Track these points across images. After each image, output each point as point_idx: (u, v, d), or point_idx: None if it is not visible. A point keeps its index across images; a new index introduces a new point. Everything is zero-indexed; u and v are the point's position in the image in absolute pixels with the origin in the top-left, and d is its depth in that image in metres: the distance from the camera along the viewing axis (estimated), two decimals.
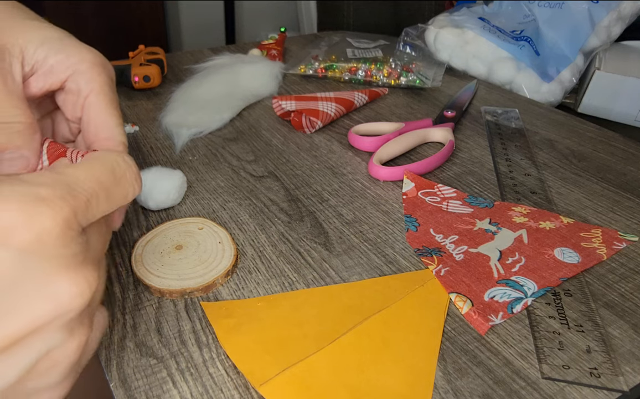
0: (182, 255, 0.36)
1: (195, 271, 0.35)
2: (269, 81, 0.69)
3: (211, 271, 0.35)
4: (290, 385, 0.28)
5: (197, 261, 0.36)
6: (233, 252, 0.37)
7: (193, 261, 0.36)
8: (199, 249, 0.37)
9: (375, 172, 0.49)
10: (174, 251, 0.37)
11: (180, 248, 0.37)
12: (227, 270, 0.35)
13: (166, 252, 0.37)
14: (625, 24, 0.73)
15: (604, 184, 0.49)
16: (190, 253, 0.37)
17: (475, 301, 0.34)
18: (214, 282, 0.34)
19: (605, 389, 0.28)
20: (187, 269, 0.35)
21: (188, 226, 0.40)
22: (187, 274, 0.35)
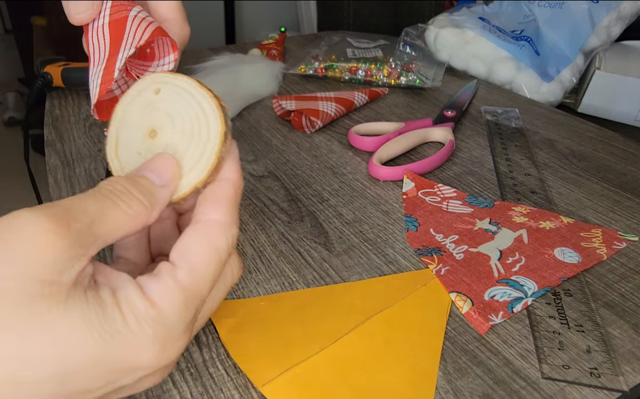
0: (163, 141, 0.27)
1: (191, 153, 0.26)
2: (269, 81, 0.69)
3: (207, 144, 0.26)
4: (293, 385, 0.28)
5: (185, 138, 0.27)
6: (214, 103, 0.27)
7: (180, 141, 0.27)
8: (176, 122, 0.27)
9: (375, 172, 0.49)
10: (150, 141, 0.27)
11: (154, 134, 0.27)
12: (223, 132, 0.26)
13: (144, 150, 0.27)
14: (625, 24, 0.73)
15: (604, 184, 0.49)
16: (170, 135, 0.27)
17: (476, 301, 0.34)
18: (220, 157, 0.26)
19: (605, 389, 0.28)
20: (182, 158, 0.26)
21: (142, 96, 0.28)
22: (185, 164, 0.26)
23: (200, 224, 0.23)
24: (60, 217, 0.19)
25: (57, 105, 0.64)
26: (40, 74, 0.65)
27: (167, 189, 0.24)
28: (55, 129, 0.58)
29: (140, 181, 0.23)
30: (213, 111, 0.26)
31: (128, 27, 0.29)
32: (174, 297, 0.21)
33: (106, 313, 0.19)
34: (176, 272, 0.22)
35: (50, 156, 0.52)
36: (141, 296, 0.20)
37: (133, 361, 0.20)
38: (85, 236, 0.20)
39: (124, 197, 0.22)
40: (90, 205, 0.20)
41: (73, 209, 0.20)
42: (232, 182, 0.25)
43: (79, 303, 0.19)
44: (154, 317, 0.20)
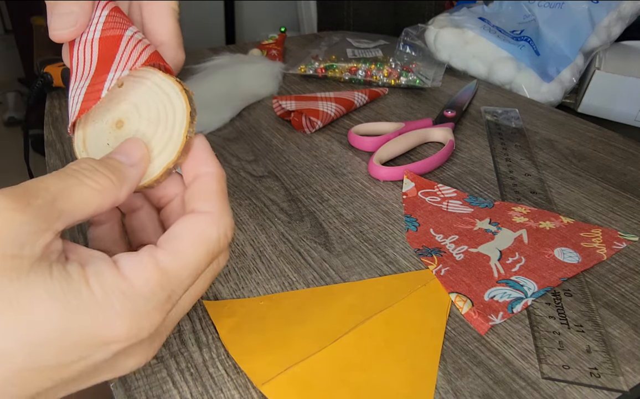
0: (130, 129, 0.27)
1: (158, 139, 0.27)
2: (269, 81, 0.69)
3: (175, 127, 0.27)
4: (292, 384, 0.28)
5: (152, 126, 0.27)
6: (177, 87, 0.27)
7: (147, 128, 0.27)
8: (141, 111, 0.27)
9: (375, 172, 0.49)
10: (117, 131, 0.28)
11: (121, 124, 0.27)
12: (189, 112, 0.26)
13: (112, 140, 0.28)
14: (625, 24, 0.72)
15: (604, 184, 0.49)
16: (137, 123, 0.27)
17: (476, 301, 0.34)
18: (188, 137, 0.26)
19: (605, 389, 0.28)
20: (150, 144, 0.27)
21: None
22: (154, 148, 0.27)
23: (190, 215, 0.24)
24: (19, 195, 0.19)
25: (57, 105, 0.64)
26: (40, 74, 0.65)
27: (137, 169, 0.24)
28: (55, 129, 0.58)
29: (108, 161, 0.23)
30: (177, 95, 0.27)
31: (122, 47, 0.27)
32: (148, 273, 0.21)
33: (71, 285, 0.19)
34: (157, 252, 0.22)
35: (50, 156, 0.52)
36: (112, 270, 0.21)
37: (101, 334, 0.20)
38: (48, 210, 0.20)
39: (90, 174, 0.22)
40: (53, 183, 0.21)
41: (33, 187, 0.20)
42: (213, 174, 0.25)
43: (41, 275, 0.19)
44: (123, 289, 0.20)
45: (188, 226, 0.23)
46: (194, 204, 0.24)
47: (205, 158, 0.26)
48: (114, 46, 0.27)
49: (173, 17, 0.28)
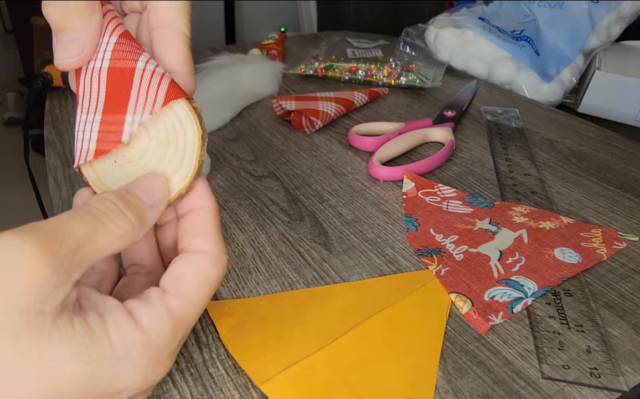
0: (139, 149, 0.26)
1: (168, 161, 0.26)
2: (269, 81, 0.69)
3: (186, 150, 0.26)
4: (292, 383, 0.28)
5: (162, 146, 0.26)
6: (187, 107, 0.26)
7: (157, 149, 0.26)
8: (150, 131, 0.26)
9: (375, 172, 0.49)
10: (125, 148, 0.26)
11: (128, 141, 0.26)
12: (200, 136, 0.26)
13: (120, 158, 0.27)
14: (625, 24, 0.73)
15: (604, 184, 0.49)
16: (145, 142, 0.26)
17: (476, 301, 0.34)
18: (200, 161, 0.26)
19: (605, 389, 0.28)
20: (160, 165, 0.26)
21: None
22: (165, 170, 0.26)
23: (192, 255, 0.24)
24: (45, 243, 0.18)
25: (57, 105, 0.64)
26: (40, 74, 0.65)
27: (156, 210, 0.24)
28: (55, 129, 0.58)
29: (130, 199, 0.23)
30: (187, 116, 0.26)
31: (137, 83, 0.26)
32: (164, 323, 0.21)
33: (94, 341, 0.19)
34: (167, 298, 0.22)
35: (50, 156, 0.52)
36: (130, 321, 0.21)
37: (118, 385, 0.20)
38: (70, 260, 0.19)
39: (113, 216, 0.21)
40: (77, 227, 0.20)
41: (59, 232, 0.19)
42: (209, 209, 0.25)
43: (65, 332, 0.19)
44: (142, 342, 0.20)
45: (191, 267, 0.23)
46: (193, 240, 0.25)
47: (200, 191, 0.26)
48: (127, 81, 0.26)
49: (185, 43, 0.27)
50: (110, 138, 0.26)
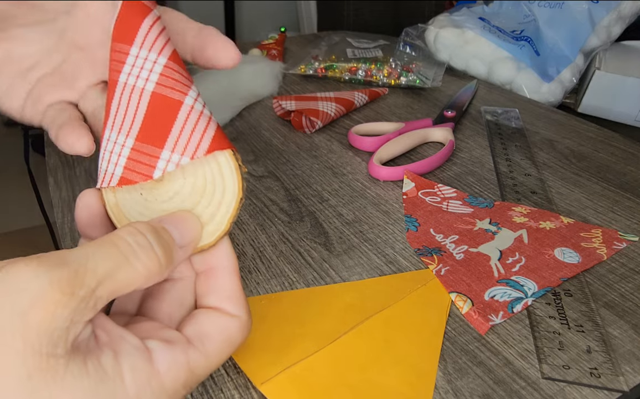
0: (170, 189, 0.24)
1: (199, 212, 0.24)
2: (269, 81, 0.69)
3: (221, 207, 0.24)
4: (292, 384, 0.28)
5: (196, 195, 0.24)
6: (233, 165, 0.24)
7: (190, 196, 0.24)
8: (187, 174, 0.24)
9: (376, 172, 0.49)
10: (154, 184, 0.25)
11: (161, 178, 0.24)
12: (239, 199, 0.24)
13: (147, 191, 0.25)
14: (625, 24, 0.73)
15: (604, 184, 0.49)
16: (180, 184, 0.24)
17: (476, 301, 0.34)
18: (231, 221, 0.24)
19: (606, 389, 0.28)
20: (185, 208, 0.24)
21: None
22: None
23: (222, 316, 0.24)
24: (67, 283, 0.18)
25: None
26: None
27: (185, 251, 0.23)
28: None
29: (163, 235, 0.22)
30: (231, 172, 0.24)
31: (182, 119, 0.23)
32: (180, 373, 0.21)
33: (106, 385, 0.19)
34: (190, 350, 0.22)
35: (50, 156, 0.52)
36: (147, 365, 0.20)
37: None
38: (88, 301, 0.18)
39: (142, 253, 0.20)
40: (102, 264, 0.19)
41: (82, 270, 0.18)
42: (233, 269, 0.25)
43: (78, 375, 0.18)
44: (154, 388, 0.20)
45: (219, 328, 0.23)
46: (221, 302, 0.24)
47: (226, 249, 0.25)
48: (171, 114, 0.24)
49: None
50: (140, 169, 0.24)
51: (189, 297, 0.25)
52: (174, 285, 0.25)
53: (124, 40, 0.24)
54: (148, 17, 0.24)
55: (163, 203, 0.24)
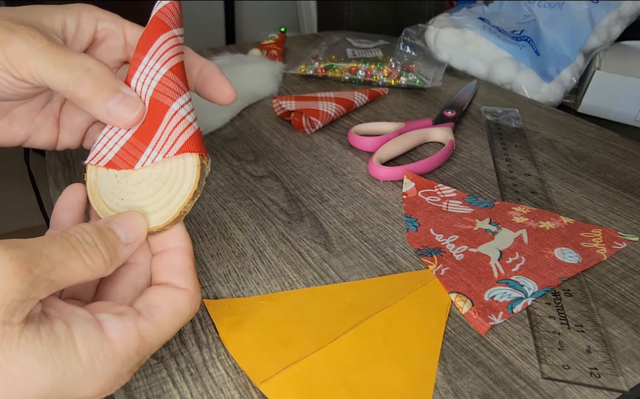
0: (140, 174, 0.28)
1: (157, 198, 0.27)
2: (269, 81, 0.69)
3: (176, 196, 0.27)
4: (291, 383, 0.28)
5: (159, 183, 0.28)
6: (197, 161, 0.27)
7: (154, 182, 0.28)
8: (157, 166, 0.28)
9: (375, 172, 0.49)
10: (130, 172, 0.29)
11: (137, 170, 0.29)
12: (193, 191, 0.27)
13: (122, 175, 0.28)
14: (625, 24, 0.73)
15: (604, 184, 0.49)
16: (149, 171, 0.28)
17: (476, 301, 0.34)
18: (183, 212, 0.27)
19: (605, 389, 0.28)
20: (149, 198, 0.27)
21: None
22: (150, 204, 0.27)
23: (170, 290, 0.25)
24: (24, 260, 0.20)
25: None
26: None
27: (130, 249, 0.25)
28: None
29: (108, 235, 0.24)
30: (192, 170, 0.27)
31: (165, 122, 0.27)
32: (131, 341, 0.22)
33: (59, 349, 0.20)
34: (140, 320, 0.23)
35: (50, 156, 0.52)
36: (98, 333, 0.21)
37: (78, 394, 0.21)
38: (42, 280, 0.20)
39: (89, 250, 0.23)
40: (56, 252, 0.21)
41: (37, 252, 0.20)
42: (186, 249, 0.27)
43: (32, 342, 0.20)
44: (106, 354, 0.21)
45: (167, 300, 0.25)
46: (172, 277, 0.26)
47: (179, 232, 0.27)
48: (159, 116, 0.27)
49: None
50: (127, 159, 0.28)
51: (142, 280, 0.27)
52: (128, 270, 0.27)
53: (141, 51, 0.28)
54: (164, 33, 0.28)
55: (131, 186, 0.28)
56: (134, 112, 0.27)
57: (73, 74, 0.26)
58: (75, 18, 0.29)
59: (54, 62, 0.25)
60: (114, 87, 0.27)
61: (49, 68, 0.25)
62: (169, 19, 0.28)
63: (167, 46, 0.28)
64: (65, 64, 0.26)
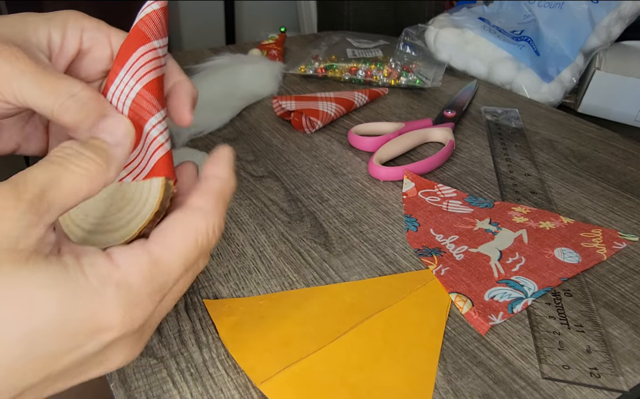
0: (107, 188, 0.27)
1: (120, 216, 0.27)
2: (269, 81, 0.69)
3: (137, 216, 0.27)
4: (291, 383, 0.28)
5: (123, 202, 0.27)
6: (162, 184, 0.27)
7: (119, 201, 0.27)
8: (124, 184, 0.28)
9: (376, 172, 0.49)
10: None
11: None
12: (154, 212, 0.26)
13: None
14: (625, 24, 0.73)
15: (604, 184, 0.49)
16: (115, 186, 0.28)
17: (476, 301, 0.34)
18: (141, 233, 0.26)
19: (605, 389, 0.28)
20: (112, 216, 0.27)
21: None
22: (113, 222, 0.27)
23: (183, 209, 0.24)
24: (8, 190, 0.19)
25: None
26: None
27: (122, 147, 0.24)
28: None
29: (92, 141, 0.23)
30: (156, 193, 0.27)
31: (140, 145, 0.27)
32: (142, 265, 0.21)
33: (68, 274, 0.20)
34: (149, 244, 0.22)
35: None
36: (106, 260, 0.21)
37: (97, 321, 0.20)
38: (38, 204, 0.20)
39: (75, 159, 0.22)
40: (39, 174, 0.20)
41: (21, 181, 0.20)
42: (221, 179, 0.26)
43: (39, 265, 0.19)
44: (117, 279, 0.21)
45: (179, 219, 0.24)
46: (190, 199, 0.25)
47: (224, 165, 0.26)
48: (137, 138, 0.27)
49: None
50: None
51: None
52: None
53: (119, 63, 0.27)
54: (143, 46, 0.27)
55: (97, 202, 0.27)
56: None
57: (58, 100, 0.25)
58: (60, 30, 0.28)
59: (39, 86, 0.25)
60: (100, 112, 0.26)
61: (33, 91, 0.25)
62: (150, 29, 0.27)
63: (144, 60, 0.27)
64: (50, 90, 0.25)
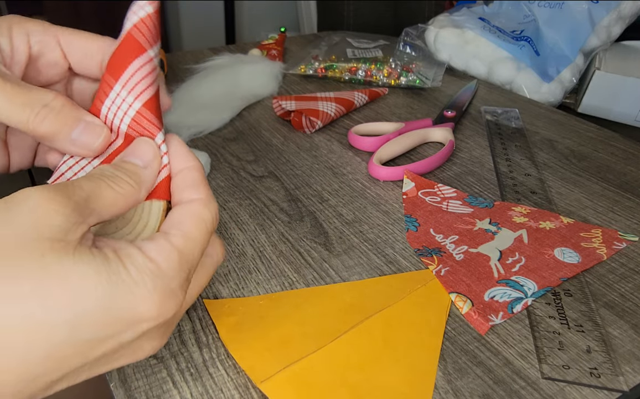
0: None
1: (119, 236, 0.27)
2: (269, 81, 0.69)
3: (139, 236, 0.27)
4: (291, 383, 0.28)
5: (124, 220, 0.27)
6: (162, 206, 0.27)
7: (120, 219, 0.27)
8: None
9: (376, 172, 0.49)
10: None
11: None
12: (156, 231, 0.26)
13: None
14: (625, 24, 0.73)
15: (604, 184, 0.49)
16: None
17: (476, 301, 0.34)
18: None
19: (605, 389, 0.28)
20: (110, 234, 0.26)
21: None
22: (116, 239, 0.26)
23: (184, 204, 0.26)
24: (61, 190, 0.21)
25: None
26: None
27: (151, 169, 0.26)
28: None
29: (125, 165, 0.25)
30: (157, 215, 0.27)
31: None
32: (170, 255, 0.23)
33: (110, 265, 0.21)
34: (171, 237, 0.24)
35: None
36: (141, 253, 0.22)
37: (137, 311, 0.21)
38: (83, 207, 0.22)
39: (113, 179, 0.24)
40: (85, 184, 0.22)
41: (69, 185, 0.22)
42: (195, 167, 0.27)
43: (85, 255, 0.21)
44: (152, 270, 0.22)
45: (186, 212, 0.25)
46: (183, 194, 0.27)
47: (184, 155, 0.28)
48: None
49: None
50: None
51: None
52: None
53: (112, 74, 0.26)
54: (140, 57, 0.26)
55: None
56: (98, 139, 0.26)
57: (33, 111, 0.25)
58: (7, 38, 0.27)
59: (10, 100, 0.25)
60: (75, 117, 0.26)
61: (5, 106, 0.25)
62: (145, 36, 0.26)
63: (141, 74, 0.26)
64: (22, 102, 0.25)
